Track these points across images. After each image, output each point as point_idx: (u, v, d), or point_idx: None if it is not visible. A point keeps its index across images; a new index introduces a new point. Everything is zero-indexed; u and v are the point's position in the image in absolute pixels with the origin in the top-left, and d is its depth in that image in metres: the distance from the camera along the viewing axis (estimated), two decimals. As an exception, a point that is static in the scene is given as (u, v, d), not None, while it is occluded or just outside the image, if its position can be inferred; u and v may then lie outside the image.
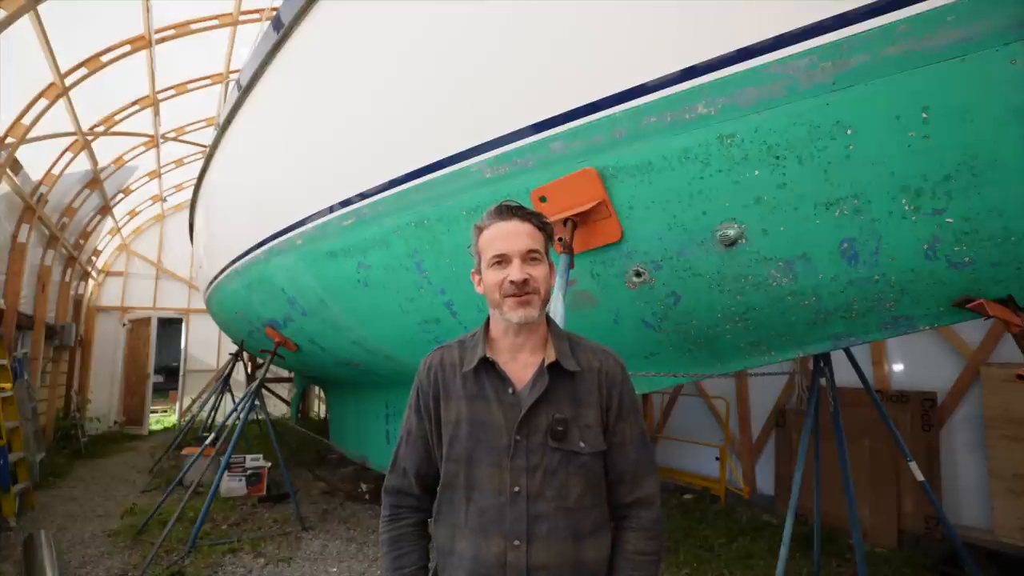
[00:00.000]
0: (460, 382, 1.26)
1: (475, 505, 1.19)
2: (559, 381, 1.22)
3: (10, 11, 4.43)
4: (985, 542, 4.18)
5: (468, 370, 1.25)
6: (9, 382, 5.69)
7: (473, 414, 1.22)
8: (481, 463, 1.19)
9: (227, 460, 4.92)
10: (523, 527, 1.15)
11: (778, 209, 1.84)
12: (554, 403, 1.21)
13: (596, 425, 1.22)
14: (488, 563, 1.15)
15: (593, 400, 1.23)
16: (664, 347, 2.54)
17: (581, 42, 2.11)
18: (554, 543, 1.15)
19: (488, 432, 1.20)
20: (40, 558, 3.90)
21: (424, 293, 3.08)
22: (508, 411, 1.20)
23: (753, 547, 4.59)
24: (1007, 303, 1.82)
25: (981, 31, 1.42)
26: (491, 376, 1.24)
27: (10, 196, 6.53)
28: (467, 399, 1.24)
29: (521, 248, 1.21)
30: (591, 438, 1.21)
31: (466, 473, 1.21)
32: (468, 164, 2.51)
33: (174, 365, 13.28)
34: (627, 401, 1.28)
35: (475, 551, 1.17)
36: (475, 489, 1.19)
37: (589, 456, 1.20)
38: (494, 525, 1.16)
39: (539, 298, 1.21)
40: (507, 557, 1.14)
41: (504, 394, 1.21)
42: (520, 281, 1.18)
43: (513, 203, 1.27)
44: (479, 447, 1.20)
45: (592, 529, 1.20)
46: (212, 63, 7.70)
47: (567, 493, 1.17)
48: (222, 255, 5.58)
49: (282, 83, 3.83)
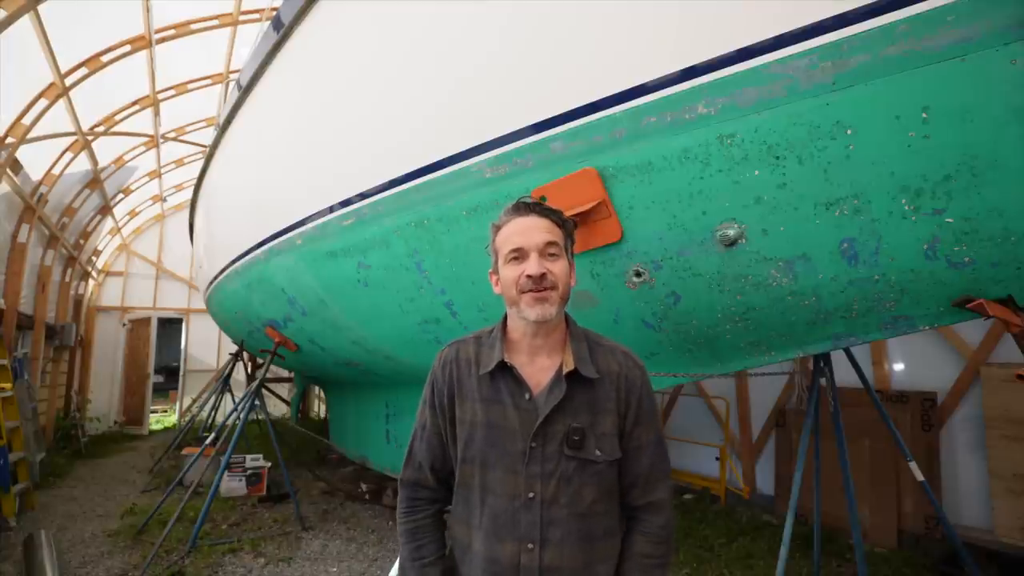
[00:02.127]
0: (476, 383, 1.23)
1: (489, 509, 1.18)
2: (577, 389, 1.19)
3: (10, 11, 4.43)
4: (985, 542, 4.18)
5: (484, 373, 1.22)
6: (9, 382, 5.69)
7: (489, 418, 1.20)
8: (495, 467, 1.18)
9: (227, 460, 4.92)
10: (537, 532, 1.14)
11: (778, 209, 1.84)
12: (571, 411, 1.18)
13: (613, 432, 1.20)
14: (502, 564, 1.15)
15: (611, 406, 1.20)
16: (664, 347, 2.54)
17: (581, 42, 2.11)
18: (567, 547, 1.15)
19: (503, 437, 1.18)
20: (40, 558, 3.90)
21: (424, 293, 3.08)
22: (524, 417, 1.17)
23: (753, 547, 4.58)
24: (1007, 303, 1.81)
25: (981, 31, 1.42)
26: (508, 380, 1.21)
27: (10, 196, 6.53)
28: (483, 402, 1.21)
29: (539, 242, 1.17)
30: (607, 446, 1.18)
31: (480, 475, 1.20)
32: (468, 164, 2.51)
33: (174, 365, 13.27)
34: (645, 406, 1.24)
35: (489, 552, 1.17)
36: (489, 493, 1.18)
37: (605, 464, 1.18)
38: (507, 529, 1.16)
39: (557, 295, 1.17)
40: (520, 559, 1.14)
41: (520, 399, 1.19)
42: (537, 275, 1.14)
43: (530, 199, 1.24)
44: (494, 451, 1.18)
45: (604, 533, 1.20)
46: (212, 63, 7.70)
47: (581, 499, 1.16)
48: (222, 255, 5.58)
49: (282, 83, 3.83)
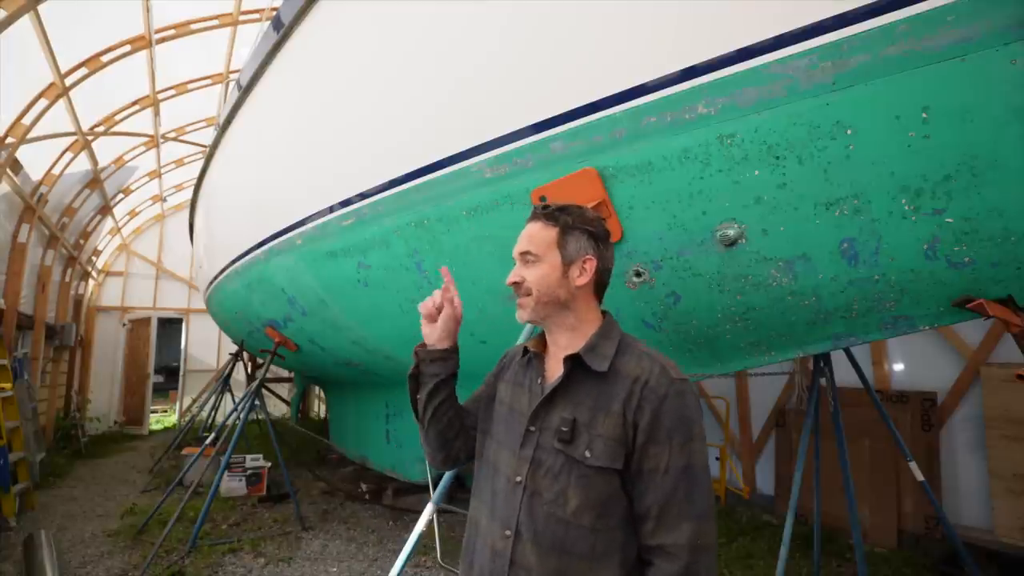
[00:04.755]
0: (515, 369, 1.31)
1: (492, 484, 1.21)
2: (583, 380, 1.15)
3: (10, 11, 4.43)
4: (985, 542, 4.18)
5: (520, 359, 1.30)
6: (9, 382, 5.69)
7: (511, 398, 1.26)
8: (504, 446, 1.21)
9: (227, 460, 4.92)
10: (514, 519, 1.12)
11: (778, 209, 1.84)
12: (572, 402, 1.14)
13: (612, 437, 1.08)
14: (491, 543, 1.16)
15: (617, 408, 1.09)
16: (664, 347, 2.54)
17: (581, 42, 2.11)
18: (540, 549, 1.08)
19: (515, 417, 1.22)
20: (40, 558, 3.90)
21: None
22: (533, 400, 1.20)
23: (753, 547, 4.59)
24: (1007, 303, 1.81)
25: (981, 31, 1.42)
26: (532, 367, 1.27)
27: (10, 196, 6.52)
28: (511, 384, 1.29)
29: (519, 250, 1.24)
30: (600, 449, 1.08)
31: (493, 451, 1.24)
32: (468, 164, 2.51)
33: (174, 365, 13.27)
34: (667, 422, 1.07)
35: (488, 530, 1.18)
36: (496, 470, 1.21)
37: (594, 470, 1.07)
38: (499, 510, 1.17)
39: (531, 299, 1.20)
40: (498, 544, 1.14)
41: (535, 384, 1.23)
42: (510, 283, 1.23)
43: (540, 205, 1.29)
44: (506, 430, 1.23)
45: (589, 554, 1.06)
46: (212, 63, 7.69)
47: (563, 502, 1.08)
48: (222, 255, 5.58)
49: (282, 83, 3.83)
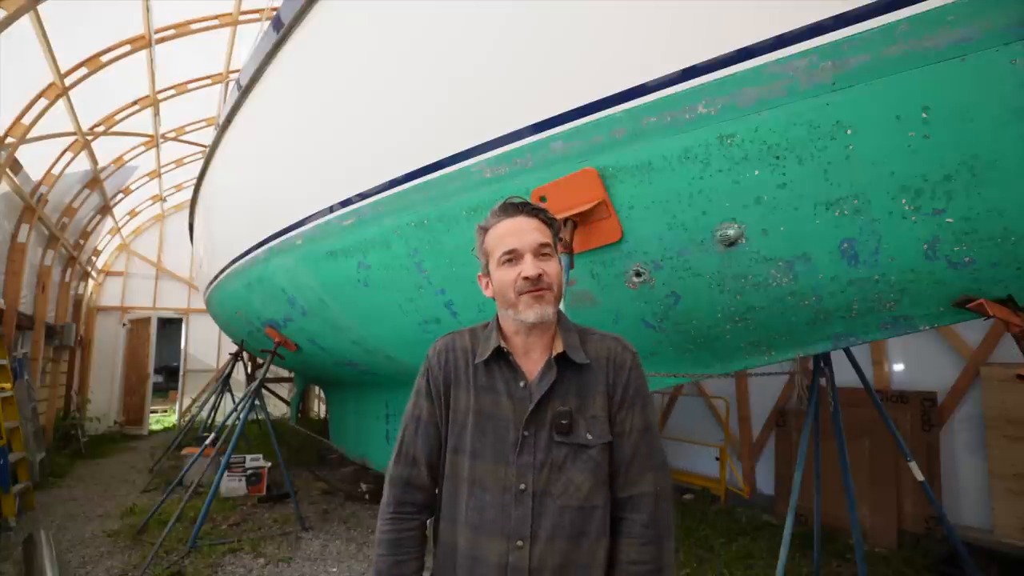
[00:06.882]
0: (472, 372, 1.21)
1: (476, 501, 1.14)
2: (567, 374, 1.18)
3: (10, 11, 4.43)
4: (985, 542, 4.17)
5: (480, 361, 1.20)
6: (9, 382, 5.69)
7: (481, 406, 1.18)
8: (485, 458, 1.15)
9: (227, 460, 4.92)
10: (527, 527, 1.10)
11: (778, 209, 1.84)
12: (560, 396, 1.16)
13: (603, 415, 1.17)
14: (487, 563, 1.10)
15: (600, 388, 1.18)
16: (664, 347, 2.54)
17: (581, 42, 2.11)
18: (558, 542, 1.10)
19: (496, 426, 1.16)
20: (40, 558, 3.90)
21: (424, 293, 3.08)
22: (518, 405, 1.16)
23: (753, 547, 4.58)
24: (1007, 303, 1.81)
25: (981, 31, 1.42)
26: (503, 369, 1.20)
27: (10, 196, 6.52)
28: (476, 390, 1.19)
29: (532, 243, 1.16)
30: (598, 429, 1.15)
31: (469, 467, 1.16)
32: (468, 164, 2.51)
33: (174, 365, 13.29)
34: (632, 388, 1.20)
35: (472, 550, 1.12)
36: (477, 485, 1.15)
37: (597, 449, 1.14)
38: (495, 525, 1.11)
39: (552, 295, 1.17)
40: (509, 558, 1.09)
41: (515, 387, 1.17)
42: (535, 276, 1.14)
43: (517, 199, 1.23)
44: (484, 441, 1.16)
45: (601, 530, 1.14)
46: (212, 63, 7.70)
47: (574, 490, 1.12)
48: (222, 255, 5.58)
49: (282, 83, 3.83)
